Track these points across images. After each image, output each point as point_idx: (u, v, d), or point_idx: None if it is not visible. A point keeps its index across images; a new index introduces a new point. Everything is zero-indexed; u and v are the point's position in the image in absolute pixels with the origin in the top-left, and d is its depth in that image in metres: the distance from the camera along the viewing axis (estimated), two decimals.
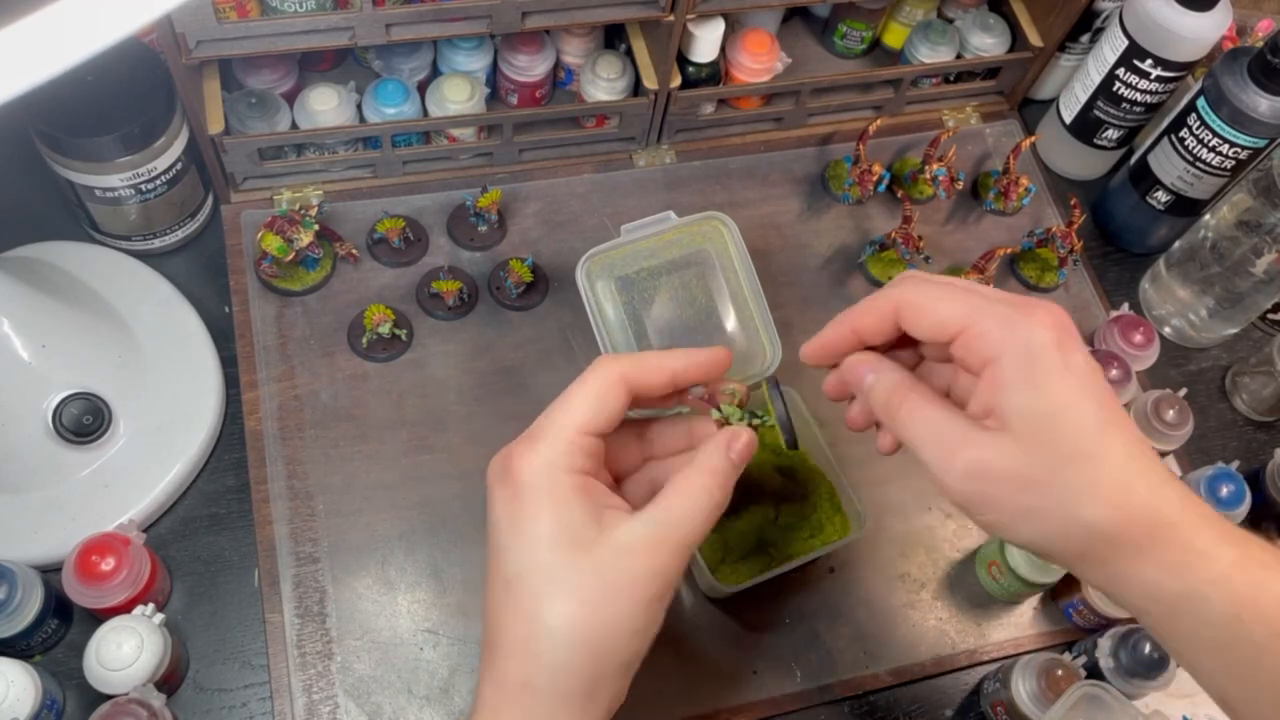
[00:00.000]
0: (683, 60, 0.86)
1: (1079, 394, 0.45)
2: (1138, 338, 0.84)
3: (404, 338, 0.79)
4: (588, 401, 0.49)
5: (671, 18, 0.78)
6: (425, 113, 0.85)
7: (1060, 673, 0.68)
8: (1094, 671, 0.71)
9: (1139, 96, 0.88)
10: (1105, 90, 0.89)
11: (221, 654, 0.69)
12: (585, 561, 0.46)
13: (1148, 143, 0.89)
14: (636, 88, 0.87)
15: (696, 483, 0.49)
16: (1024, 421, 0.45)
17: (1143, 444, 0.46)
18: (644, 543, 0.46)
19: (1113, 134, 0.92)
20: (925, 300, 0.49)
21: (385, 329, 0.77)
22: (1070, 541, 0.46)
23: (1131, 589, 0.46)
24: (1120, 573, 0.46)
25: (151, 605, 0.65)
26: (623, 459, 0.54)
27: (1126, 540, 0.45)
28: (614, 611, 0.46)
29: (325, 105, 0.82)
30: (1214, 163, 0.83)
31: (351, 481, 0.74)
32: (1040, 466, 0.45)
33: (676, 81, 0.85)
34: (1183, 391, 0.83)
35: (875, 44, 1.00)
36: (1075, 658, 0.71)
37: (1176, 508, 0.45)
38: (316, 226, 0.78)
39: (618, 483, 0.54)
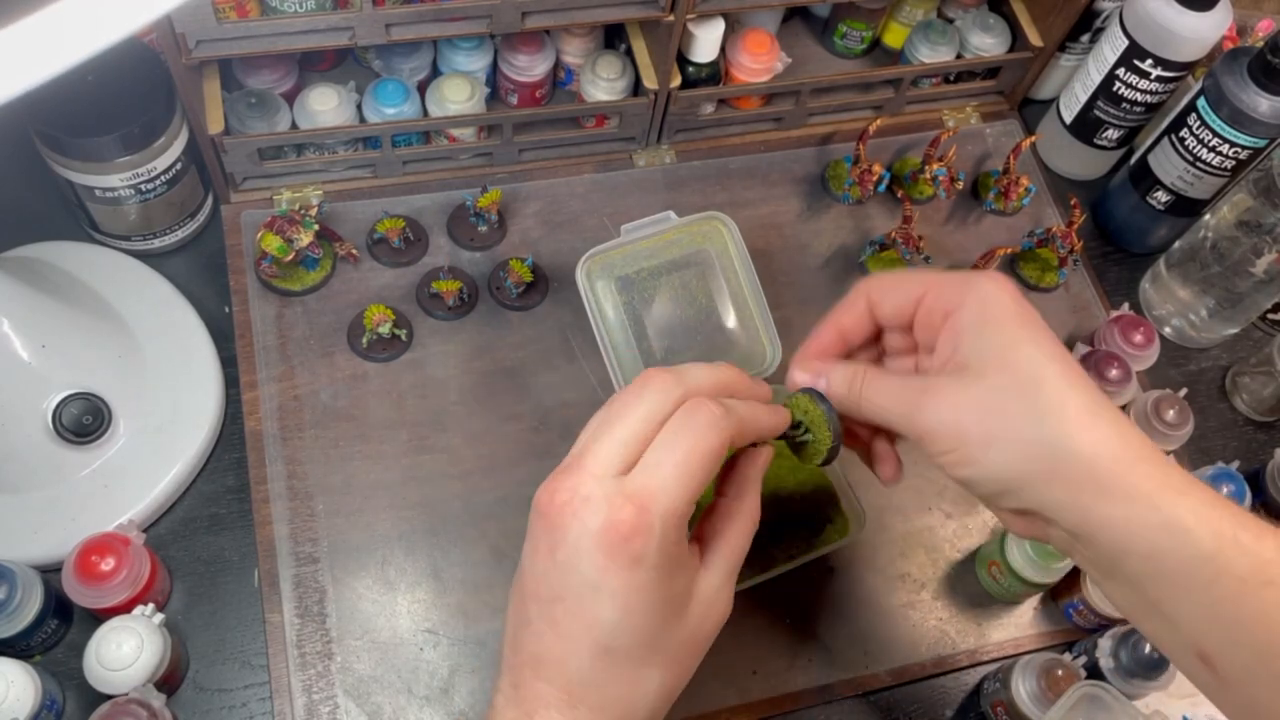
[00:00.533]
0: (683, 60, 0.86)
1: (1034, 332, 0.48)
2: (1138, 338, 0.84)
3: (404, 338, 0.79)
4: (701, 476, 0.46)
5: (671, 18, 0.78)
6: (425, 113, 0.85)
7: (1060, 673, 0.68)
8: (1094, 671, 0.71)
9: (1139, 96, 0.88)
10: (1105, 90, 0.89)
11: (221, 654, 0.69)
12: (681, 626, 0.48)
13: (1148, 143, 0.89)
14: (636, 88, 0.87)
15: (748, 523, 0.52)
16: (982, 356, 0.48)
17: (1100, 392, 0.48)
18: (718, 593, 0.49)
19: (1113, 134, 0.92)
20: (888, 282, 0.55)
21: (385, 329, 0.77)
22: (1037, 463, 0.47)
23: (1113, 525, 0.46)
24: (1099, 506, 0.46)
25: (151, 605, 0.65)
26: None
27: (1100, 470, 0.46)
28: (694, 662, 0.49)
29: (325, 105, 0.82)
30: (1214, 163, 0.83)
31: (351, 481, 0.74)
32: (999, 392, 0.47)
33: (676, 81, 0.85)
34: (1183, 391, 0.83)
35: (875, 44, 1.00)
36: (1075, 658, 0.71)
37: (1143, 444, 0.47)
38: (316, 226, 0.78)
39: None
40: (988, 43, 0.94)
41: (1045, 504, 0.48)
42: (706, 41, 0.85)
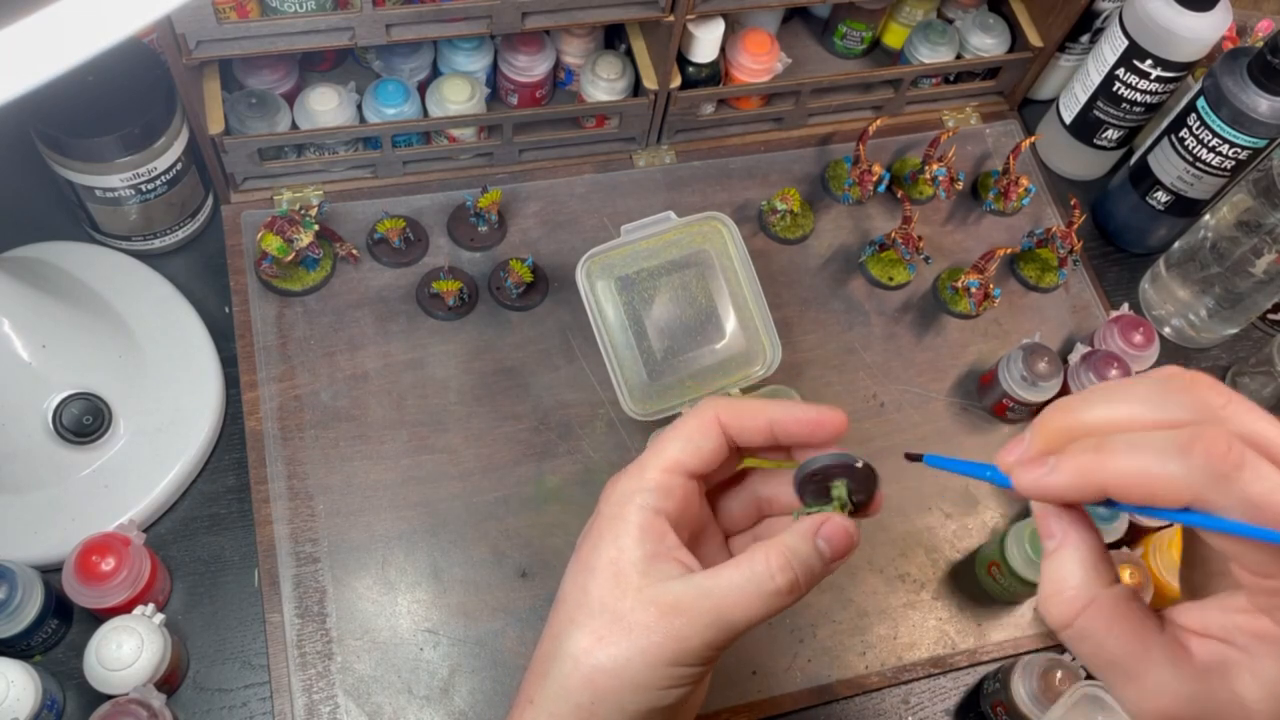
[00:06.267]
0: (683, 60, 0.86)
1: None
2: (1137, 338, 0.84)
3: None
4: (679, 440, 0.47)
5: (671, 18, 0.78)
6: (425, 113, 0.85)
7: (1060, 673, 0.68)
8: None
9: (1139, 97, 0.88)
10: (1105, 90, 0.89)
11: (222, 654, 0.69)
12: (616, 602, 0.44)
13: (1148, 143, 0.89)
14: (636, 88, 0.87)
15: (760, 558, 0.45)
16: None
17: None
18: (671, 603, 0.44)
19: (1112, 134, 0.92)
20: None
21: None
22: None
23: None
24: None
25: (151, 605, 0.65)
26: (736, 516, 0.52)
27: None
28: (621, 658, 0.43)
29: (325, 105, 0.82)
30: (1214, 163, 0.83)
31: (351, 481, 0.74)
32: None
33: (676, 82, 0.85)
34: None
35: (875, 44, 1.00)
36: (1075, 658, 0.71)
37: None
38: (316, 227, 0.78)
39: (727, 539, 0.52)
40: (987, 43, 0.94)
41: None
42: (706, 42, 0.85)
